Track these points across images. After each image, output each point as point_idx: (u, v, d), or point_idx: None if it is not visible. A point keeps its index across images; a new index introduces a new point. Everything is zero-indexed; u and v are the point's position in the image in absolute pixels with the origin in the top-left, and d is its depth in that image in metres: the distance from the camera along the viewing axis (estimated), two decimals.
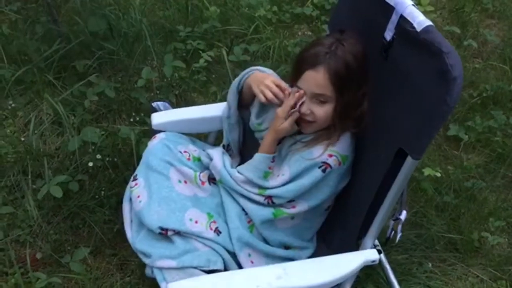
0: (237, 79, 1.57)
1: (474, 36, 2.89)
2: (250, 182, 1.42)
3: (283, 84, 1.44)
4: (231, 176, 1.45)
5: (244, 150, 1.71)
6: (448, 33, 2.90)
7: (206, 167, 1.54)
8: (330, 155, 1.37)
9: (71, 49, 2.28)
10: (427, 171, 2.01)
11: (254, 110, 1.58)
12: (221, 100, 2.10)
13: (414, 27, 1.16)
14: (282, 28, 2.92)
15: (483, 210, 2.00)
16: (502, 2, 3.17)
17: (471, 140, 2.27)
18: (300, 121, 1.42)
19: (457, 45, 2.82)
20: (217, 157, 1.50)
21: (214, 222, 1.44)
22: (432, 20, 2.66)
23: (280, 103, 1.42)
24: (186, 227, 1.39)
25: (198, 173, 1.50)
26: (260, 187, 1.42)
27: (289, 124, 1.40)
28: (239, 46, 2.69)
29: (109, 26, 2.33)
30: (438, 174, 2.01)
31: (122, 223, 1.57)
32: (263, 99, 1.44)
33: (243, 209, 1.44)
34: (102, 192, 1.92)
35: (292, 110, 1.38)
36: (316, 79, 1.33)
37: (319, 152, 1.37)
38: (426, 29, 1.13)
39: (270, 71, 1.55)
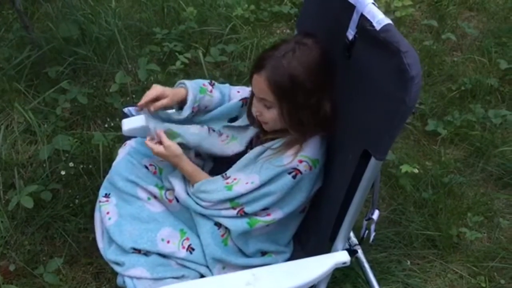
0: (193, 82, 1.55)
1: (453, 29, 2.88)
2: (220, 202, 1.40)
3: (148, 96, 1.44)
4: (198, 203, 1.42)
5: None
6: (427, 26, 2.89)
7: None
8: (300, 161, 1.34)
9: (43, 55, 2.26)
10: (404, 168, 2.00)
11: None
12: None
13: (373, 26, 1.13)
14: (260, 27, 2.90)
15: (461, 205, 1.99)
16: None
17: (449, 135, 2.26)
18: (259, 121, 1.41)
19: (435, 38, 2.81)
20: (179, 186, 1.45)
21: (187, 239, 1.42)
22: (410, 14, 2.65)
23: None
24: (158, 248, 1.38)
25: (164, 192, 1.47)
26: (231, 200, 1.39)
27: (158, 147, 1.40)
28: (216, 46, 2.66)
29: (81, 31, 2.30)
30: (416, 171, 1.99)
31: None
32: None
33: (216, 223, 1.41)
34: (76, 201, 1.89)
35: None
36: (258, 83, 1.31)
37: (289, 159, 1.35)
38: (385, 28, 1.11)
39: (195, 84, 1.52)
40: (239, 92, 1.58)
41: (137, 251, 1.39)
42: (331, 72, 1.31)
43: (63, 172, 1.87)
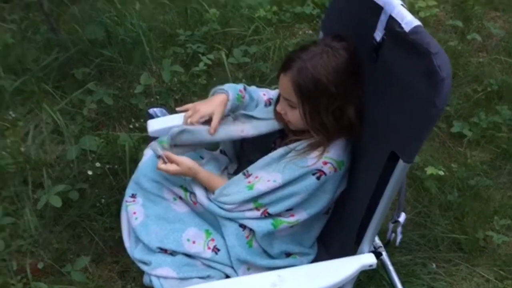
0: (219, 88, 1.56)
1: (478, 30, 2.84)
2: (242, 203, 1.40)
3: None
4: (222, 207, 1.43)
5: (241, 154, 1.69)
6: (451, 27, 2.86)
7: None
8: (325, 163, 1.34)
9: (70, 57, 2.30)
10: (430, 170, 1.98)
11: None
12: None
13: (402, 28, 1.13)
14: (282, 28, 2.90)
15: (488, 209, 1.96)
16: None
17: (475, 137, 2.23)
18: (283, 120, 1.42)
19: (460, 39, 2.77)
20: (200, 192, 1.45)
21: (212, 240, 1.43)
22: (434, 15, 2.63)
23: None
24: (184, 248, 1.39)
25: (189, 194, 1.48)
26: (253, 200, 1.39)
27: (171, 166, 1.40)
28: (238, 48, 2.68)
29: (107, 33, 2.33)
30: (441, 173, 1.97)
31: None
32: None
33: (241, 225, 1.42)
34: (103, 200, 1.92)
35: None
36: (284, 83, 1.32)
37: (313, 160, 1.35)
38: (415, 30, 1.10)
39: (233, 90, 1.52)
40: (265, 95, 1.59)
41: (164, 250, 1.41)
42: (358, 78, 1.30)
43: (90, 172, 1.90)
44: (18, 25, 2.75)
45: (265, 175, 1.38)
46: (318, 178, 1.33)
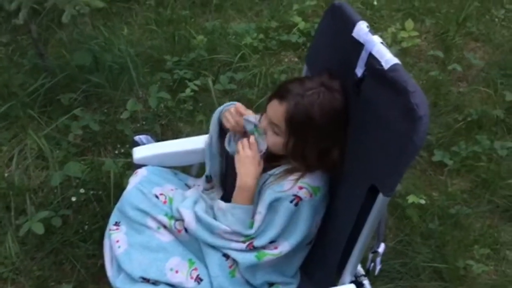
0: (218, 109, 1.59)
1: (459, 60, 2.92)
2: (236, 233, 1.42)
3: (243, 110, 1.46)
4: (211, 231, 1.43)
5: (226, 181, 1.71)
6: (433, 57, 2.93)
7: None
8: (301, 187, 1.37)
9: (56, 83, 2.31)
10: (411, 199, 2.01)
11: (228, 135, 1.59)
12: (207, 129, 2.12)
13: (382, 65, 1.17)
14: (268, 56, 2.95)
15: (468, 237, 1.99)
16: (486, 25, 3.21)
17: (456, 166, 2.27)
18: None
19: (441, 69, 2.85)
20: (189, 216, 1.46)
21: (195, 269, 1.43)
22: (416, 45, 2.69)
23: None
24: (167, 278, 1.39)
25: (173, 222, 1.49)
26: (246, 236, 1.41)
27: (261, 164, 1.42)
28: (225, 74, 2.71)
29: (94, 59, 2.36)
30: (423, 201, 2.01)
31: None
32: (228, 125, 1.48)
33: (224, 255, 1.43)
34: (86, 227, 1.92)
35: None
36: (276, 110, 1.34)
37: (290, 184, 1.38)
38: (393, 68, 1.14)
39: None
40: None
41: (146, 280, 1.40)
42: (347, 121, 1.33)
43: (73, 199, 1.90)
44: (5, 49, 2.76)
45: (254, 209, 1.41)
46: (295, 204, 1.36)
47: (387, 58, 1.17)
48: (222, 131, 1.61)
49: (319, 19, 3.11)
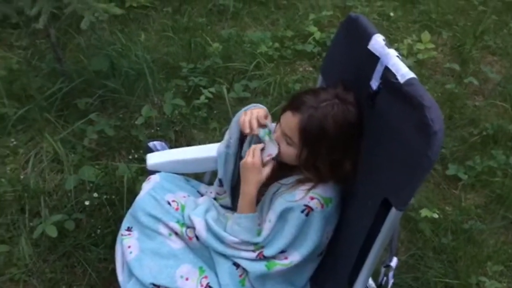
0: (241, 110, 1.59)
1: (475, 73, 2.90)
2: (245, 242, 1.42)
3: (261, 114, 1.46)
4: (221, 241, 1.44)
5: (237, 187, 1.71)
6: (449, 70, 2.91)
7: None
8: (312, 198, 1.37)
9: (73, 87, 2.34)
10: (424, 212, 1.99)
11: (248, 139, 1.59)
12: (221, 137, 2.13)
13: (397, 79, 1.17)
14: (283, 65, 2.96)
15: (481, 253, 1.97)
16: (503, 39, 3.18)
17: (470, 180, 2.25)
18: None
19: (457, 82, 2.83)
20: (200, 224, 1.47)
21: (206, 277, 1.43)
22: (432, 57, 2.68)
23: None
24: (177, 285, 1.40)
25: (184, 229, 1.50)
26: (256, 244, 1.42)
27: (266, 170, 1.42)
28: (240, 82, 2.73)
29: (111, 64, 2.38)
30: (436, 216, 1.99)
31: None
32: (245, 129, 1.47)
33: (234, 263, 1.43)
34: (98, 231, 1.93)
35: (267, 159, 1.40)
36: (290, 121, 1.34)
37: (301, 194, 1.37)
38: (409, 82, 1.14)
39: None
40: None
41: (156, 286, 1.41)
42: (361, 134, 1.33)
43: (87, 202, 1.91)
44: (24, 52, 2.81)
45: (264, 217, 1.41)
46: (306, 214, 1.35)
47: (403, 72, 1.17)
48: (242, 134, 1.61)
49: (334, 29, 3.14)
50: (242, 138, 1.60)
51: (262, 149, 1.43)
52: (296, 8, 3.44)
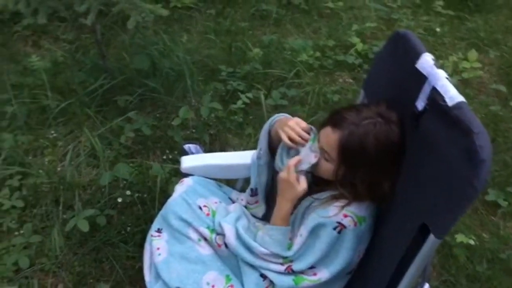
0: (268, 121, 1.58)
1: None
2: (275, 255, 1.40)
3: (304, 124, 1.44)
4: (250, 250, 1.43)
5: (271, 197, 1.69)
6: (494, 91, 2.82)
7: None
8: (346, 215, 1.34)
9: (115, 84, 2.37)
10: (460, 238, 1.93)
11: (279, 151, 1.57)
12: (255, 143, 2.13)
13: (445, 101, 1.13)
14: (323, 74, 2.93)
15: None
16: None
17: (510, 208, 2.16)
18: None
19: (503, 104, 2.73)
20: (230, 232, 1.46)
21: (232, 286, 1.42)
22: (478, 77, 2.61)
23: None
24: None
25: (214, 236, 1.49)
26: (285, 257, 1.40)
27: (303, 186, 1.39)
28: (277, 90, 2.71)
29: (152, 64, 2.41)
30: (472, 242, 1.92)
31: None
32: (285, 139, 1.44)
33: (261, 274, 1.41)
34: (128, 228, 1.95)
35: (300, 169, 1.38)
36: (329, 137, 1.32)
37: (335, 211, 1.34)
38: (458, 105, 1.10)
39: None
40: None
41: None
42: (403, 155, 1.29)
43: (119, 200, 1.93)
44: (69, 46, 2.87)
45: (296, 231, 1.39)
46: (339, 232, 1.32)
47: (452, 94, 1.13)
48: (271, 143, 1.60)
49: (377, 42, 3.09)
50: (272, 147, 1.59)
51: (299, 161, 1.40)
52: (339, 18, 3.41)
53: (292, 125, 1.43)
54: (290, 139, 1.42)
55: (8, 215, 1.96)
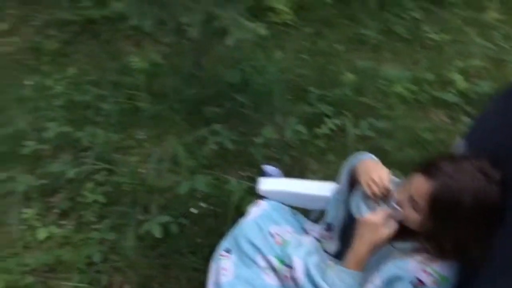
0: (351, 158, 1.53)
1: None
2: None
3: (387, 183, 1.36)
4: None
5: (345, 235, 1.63)
6: None
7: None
8: (426, 272, 1.23)
9: (205, 94, 2.42)
10: None
11: (355, 198, 1.50)
12: (335, 171, 2.06)
13: None
14: (417, 109, 2.79)
15: None
16: None
17: None
18: None
19: None
20: (300, 266, 1.42)
21: None
22: None
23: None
24: None
25: (283, 267, 1.45)
26: None
27: (389, 230, 1.31)
28: (366, 119, 2.62)
29: (244, 79, 2.43)
30: None
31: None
32: (368, 192, 1.37)
33: None
34: (199, 240, 1.96)
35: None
36: (421, 186, 1.22)
37: (414, 265, 1.25)
38: None
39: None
40: None
41: None
42: (501, 219, 1.18)
43: (194, 210, 1.95)
44: (167, 49, 2.97)
45: (369, 277, 1.31)
46: (415, 287, 1.23)
47: None
48: (352, 181, 1.54)
49: (481, 82, 2.90)
50: (352, 184, 1.52)
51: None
52: (442, 51, 3.24)
53: (377, 180, 1.37)
54: (374, 193, 1.36)
55: (90, 208, 2.06)
